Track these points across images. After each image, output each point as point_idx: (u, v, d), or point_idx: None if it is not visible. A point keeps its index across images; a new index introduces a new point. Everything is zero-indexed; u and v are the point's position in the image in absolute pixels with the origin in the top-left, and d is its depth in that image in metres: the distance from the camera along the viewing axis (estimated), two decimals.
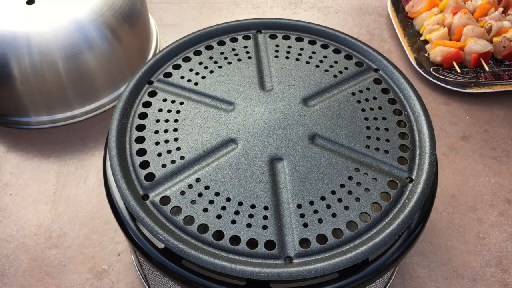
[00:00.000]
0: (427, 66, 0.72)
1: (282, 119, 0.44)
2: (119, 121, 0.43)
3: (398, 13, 0.80)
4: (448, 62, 0.72)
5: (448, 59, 0.71)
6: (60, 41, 0.58)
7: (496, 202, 0.59)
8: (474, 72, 0.72)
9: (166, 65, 0.48)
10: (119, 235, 0.55)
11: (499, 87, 0.69)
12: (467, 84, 0.69)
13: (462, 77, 0.71)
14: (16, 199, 0.58)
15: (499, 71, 0.72)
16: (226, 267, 0.35)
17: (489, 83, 0.69)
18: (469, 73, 0.72)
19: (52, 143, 0.63)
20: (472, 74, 0.71)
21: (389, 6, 0.80)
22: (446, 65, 0.72)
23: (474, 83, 0.70)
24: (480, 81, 0.70)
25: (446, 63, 0.72)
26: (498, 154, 0.63)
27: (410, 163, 0.41)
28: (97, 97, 0.65)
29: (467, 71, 0.72)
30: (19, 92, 0.60)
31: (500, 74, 0.71)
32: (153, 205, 0.39)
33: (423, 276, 0.53)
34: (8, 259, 0.53)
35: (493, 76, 0.71)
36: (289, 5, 0.83)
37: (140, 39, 0.68)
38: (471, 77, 0.71)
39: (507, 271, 0.53)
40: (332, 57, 0.50)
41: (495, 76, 0.71)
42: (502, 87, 0.69)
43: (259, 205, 0.39)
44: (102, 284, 0.52)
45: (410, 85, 0.46)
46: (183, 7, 0.82)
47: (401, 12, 0.80)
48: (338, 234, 0.37)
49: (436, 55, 0.72)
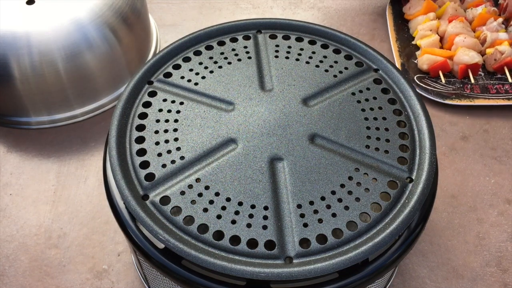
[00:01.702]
0: (412, 73, 0.70)
1: (282, 119, 0.44)
2: (119, 121, 0.43)
3: (396, 16, 0.78)
4: (435, 71, 0.70)
5: (434, 68, 0.69)
6: (60, 41, 0.58)
7: (496, 202, 0.59)
8: (461, 83, 0.69)
9: (166, 65, 0.48)
10: (119, 235, 0.55)
11: (481, 100, 0.66)
12: (448, 95, 0.67)
13: (447, 87, 0.68)
14: (16, 199, 0.58)
15: (488, 84, 0.69)
16: (226, 267, 0.35)
17: (472, 96, 0.67)
18: (456, 83, 0.69)
19: (52, 143, 0.63)
20: (459, 85, 0.69)
21: (388, 8, 0.79)
22: (433, 74, 0.70)
23: (456, 94, 0.67)
24: (464, 93, 0.67)
25: (433, 72, 0.70)
26: (498, 154, 0.63)
27: (410, 163, 0.42)
28: (97, 97, 0.65)
29: (454, 81, 0.69)
30: (19, 92, 0.60)
31: (488, 87, 0.68)
32: (153, 205, 0.39)
33: (423, 276, 0.53)
34: (8, 259, 0.53)
35: (479, 89, 0.68)
36: (289, 5, 0.83)
37: (140, 39, 0.68)
38: (456, 88, 0.68)
39: (507, 271, 0.53)
40: (332, 57, 0.50)
41: (482, 89, 0.68)
42: (484, 101, 0.66)
43: (259, 205, 0.39)
44: (102, 284, 0.52)
45: (410, 85, 0.46)
46: (183, 7, 0.82)
47: (399, 15, 0.78)
48: (338, 234, 0.37)
49: (423, 63, 0.70)
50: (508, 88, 0.68)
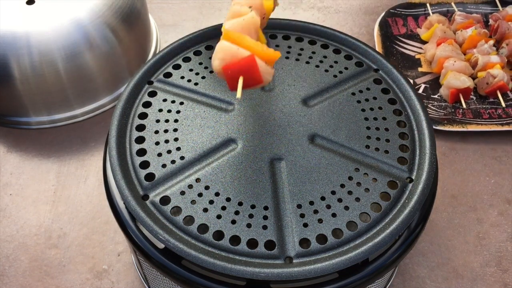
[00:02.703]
0: None
1: (282, 119, 0.44)
2: (119, 121, 0.43)
3: (384, 38, 0.74)
4: None
5: None
6: (60, 41, 0.58)
7: (496, 202, 0.59)
8: (453, 108, 0.66)
9: (166, 65, 0.48)
10: (119, 235, 0.55)
11: (474, 126, 0.63)
12: (440, 121, 0.64)
13: (438, 112, 0.65)
14: (16, 199, 0.58)
15: (480, 108, 0.66)
16: (226, 267, 0.35)
17: (464, 121, 0.64)
18: (447, 108, 0.66)
19: (52, 143, 0.63)
20: (451, 110, 0.66)
21: (376, 30, 0.76)
22: None
23: (448, 119, 0.64)
24: (456, 118, 0.64)
25: None
26: (498, 154, 0.63)
27: (410, 163, 0.42)
28: (97, 97, 0.65)
29: (445, 106, 0.66)
30: (19, 92, 0.60)
31: (481, 112, 0.66)
32: (153, 205, 0.39)
33: (423, 276, 0.53)
34: (8, 259, 0.53)
35: (472, 114, 0.65)
36: (289, 5, 0.83)
37: (140, 39, 0.68)
38: (448, 113, 0.65)
39: (507, 271, 0.53)
40: (332, 57, 0.50)
41: (474, 114, 0.65)
42: (477, 126, 0.63)
43: (259, 205, 0.39)
44: (102, 284, 0.52)
45: (410, 85, 0.46)
46: (183, 7, 0.82)
47: (387, 36, 0.75)
48: (338, 234, 0.37)
49: None
50: (501, 113, 0.65)
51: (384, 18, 0.77)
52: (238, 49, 0.34)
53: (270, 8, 0.39)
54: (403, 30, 0.76)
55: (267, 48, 0.36)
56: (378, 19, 0.77)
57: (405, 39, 0.75)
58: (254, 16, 0.36)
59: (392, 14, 0.78)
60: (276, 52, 0.36)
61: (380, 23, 0.77)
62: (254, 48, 0.35)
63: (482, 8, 0.80)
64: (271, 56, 0.35)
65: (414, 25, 0.77)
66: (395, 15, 0.78)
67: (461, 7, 0.79)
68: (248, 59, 0.34)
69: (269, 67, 0.36)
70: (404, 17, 0.78)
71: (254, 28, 0.36)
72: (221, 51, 0.34)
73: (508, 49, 0.70)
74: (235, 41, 0.34)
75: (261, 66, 0.35)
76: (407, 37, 0.76)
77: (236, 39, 0.34)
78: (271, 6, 0.40)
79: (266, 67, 0.35)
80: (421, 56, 0.73)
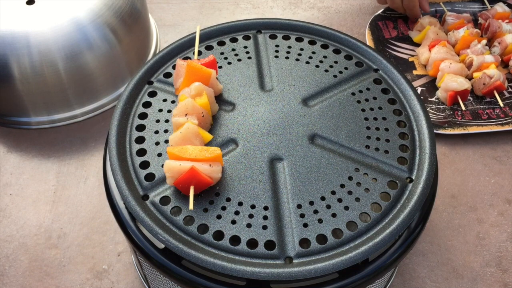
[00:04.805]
0: None
1: (282, 119, 0.44)
2: (119, 121, 0.43)
3: (377, 42, 0.74)
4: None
5: None
6: (60, 41, 0.58)
7: (496, 202, 0.59)
8: (451, 110, 0.66)
9: (166, 65, 0.48)
10: (119, 235, 0.55)
11: (475, 128, 0.63)
12: (441, 124, 0.64)
13: (437, 115, 0.65)
14: (16, 199, 0.58)
15: (478, 109, 0.66)
16: (226, 267, 0.35)
17: (465, 123, 0.64)
18: (446, 110, 0.66)
19: (52, 143, 0.63)
20: (449, 112, 0.65)
21: (367, 34, 0.75)
22: None
23: (448, 122, 0.64)
24: (456, 121, 0.64)
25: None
26: (498, 154, 0.63)
27: (410, 163, 0.42)
28: (97, 97, 0.65)
29: (443, 108, 0.66)
30: (19, 92, 0.60)
31: (479, 112, 0.65)
32: (153, 205, 0.39)
33: (423, 276, 0.53)
34: (8, 259, 0.53)
35: (471, 115, 0.65)
36: (289, 5, 0.83)
37: (140, 39, 0.68)
38: (447, 116, 0.65)
39: (507, 271, 0.53)
40: (332, 57, 0.50)
41: (473, 115, 0.65)
42: (478, 128, 0.63)
43: (259, 205, 0.39)
44: (102, 284, 0.52)
45: (410, 85, 0.46)
46: (183, 7, 0.82)
47: (379, 39, 0.74)
48: (338, 234, 0.37)
49: None
50: (499, 112, 0.65)
51: (375, 21, 0.77)
52: (180, 165, 0.38)
53: (207, 104, 0.42)
54: (394, 33, 0.76)
55: (207, 149, 0.39)
56: (366, 24, 0.77)
57: (397, 42, 0.75)
58: (189, 126, 0.40)
59: (382, 17, 0.78)
60: (215, 150, 0.39)
61: (370, 27, 0.76)
62: (196, 157, 0.38)
63: (470, 6, 0.79)
64: (213, 156, 0.39)
65: (405, 27, 0.77)
66: (385, 18, 0.78)
67: (449, 6, 0.78)
68: (190, 172, 0.37)
69: (215, 165, 0.39)
70: (394, 20, 0.78)
71: (193, 134, 0.40)
72: (168, 171, 0.38)
73: (500, 48, 0.71)
74: (178, 157, 0.38)
75: (205, 170, 0.38)
76: (398, 39, 0.75)
77: (178, 154, 0.38)
78: (207, 102, 0.42)
79: (211, 169, 0.38)
80: (415, 58, 0.73)
